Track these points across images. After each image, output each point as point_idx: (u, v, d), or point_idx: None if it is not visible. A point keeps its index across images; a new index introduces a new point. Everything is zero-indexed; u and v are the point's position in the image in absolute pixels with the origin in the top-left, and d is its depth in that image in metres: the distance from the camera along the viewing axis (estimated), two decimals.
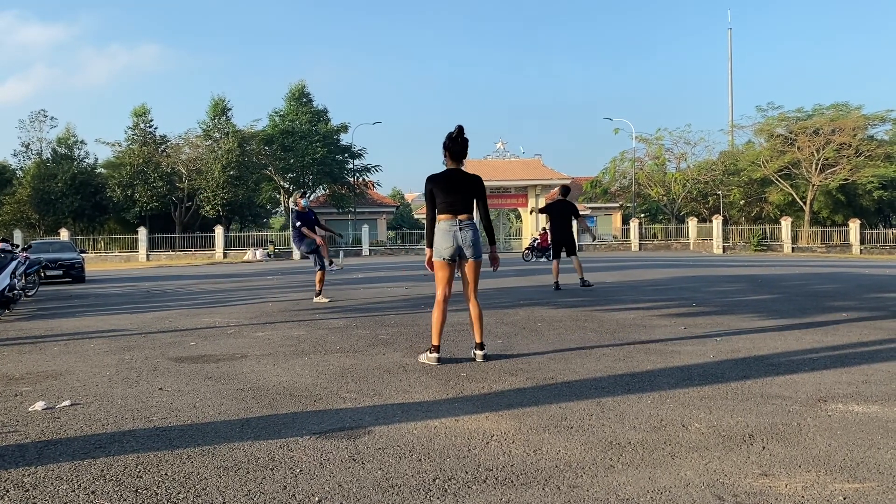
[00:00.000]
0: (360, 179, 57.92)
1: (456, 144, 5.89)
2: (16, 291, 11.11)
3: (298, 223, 11.83)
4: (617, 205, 59.82)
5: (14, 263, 11.11)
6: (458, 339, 7.06)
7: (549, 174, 51.52)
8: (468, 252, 5.82)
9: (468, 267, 5.90)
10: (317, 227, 11.87)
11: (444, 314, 5.85)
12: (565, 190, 13.34)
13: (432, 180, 5.89)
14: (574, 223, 13.20)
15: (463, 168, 6.05)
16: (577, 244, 13.05)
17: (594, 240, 22.19)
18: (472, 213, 5.91)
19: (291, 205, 52.26)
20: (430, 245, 5.96)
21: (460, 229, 5.79)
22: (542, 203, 51.13)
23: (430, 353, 5.85)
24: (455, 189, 5.84)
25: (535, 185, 51.07)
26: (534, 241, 32.95)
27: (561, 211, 12.86)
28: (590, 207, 58.21)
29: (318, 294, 11.57)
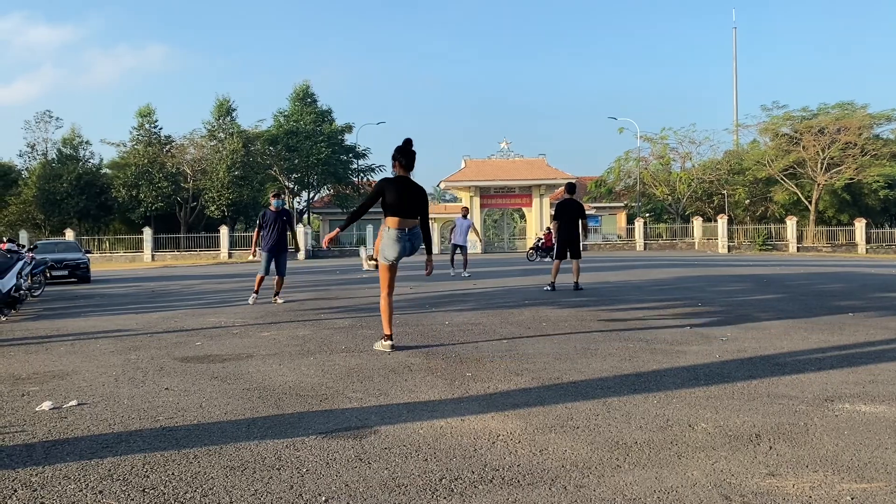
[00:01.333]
0: (365, 180, 57.99)
1: (405, 156, 6.46)
2: (22, 292, 11.14)
3: (259, 223, 11.87)
4: (621, 204, 59.73)
5: (20, 264, 11.15)
6: (463, 337, 7.06)
7: (554, 174, 51.41)
8: (406, 255, 6.46)
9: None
10: (287, 232, 11.83)
11: (391, 305, 6.54)
12: (571, 187, 13.18)
13: (386, 182, 6.44)
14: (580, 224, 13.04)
15: (412, 178, 6.56)
16: (581, 247, 12.86)
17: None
18: (417, 219, 6.46)
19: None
20: (343, 228, 6.85)
21: (409, 239, 6.37)
22: (546, 203, 51.10)
23: (385, 341, 6.45)
24: (406, 195, 6.36)
25: (540, 185, 50.96)
26: (538, 240, 32.94)
27: (568, 210, 12.73)
28: (594, 207, 58.13)
29: (275, 294, 11.69)
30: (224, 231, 47.82)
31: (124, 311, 11.08)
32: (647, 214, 58.01)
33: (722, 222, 47.94)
